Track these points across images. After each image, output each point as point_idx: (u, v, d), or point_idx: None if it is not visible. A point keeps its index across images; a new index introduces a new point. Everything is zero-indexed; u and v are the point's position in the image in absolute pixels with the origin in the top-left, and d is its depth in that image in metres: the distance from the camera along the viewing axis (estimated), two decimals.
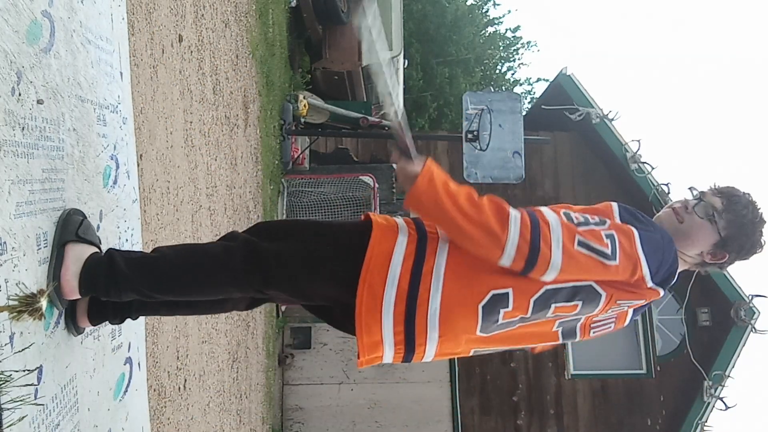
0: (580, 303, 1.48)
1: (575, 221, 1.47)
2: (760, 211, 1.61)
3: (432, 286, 1.45)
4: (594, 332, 1.60)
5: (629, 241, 1.45)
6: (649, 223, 1.57)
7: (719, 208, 1.59)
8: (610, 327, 1.62)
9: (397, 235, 1.51)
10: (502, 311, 1.46)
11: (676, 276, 1.56)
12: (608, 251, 1.42)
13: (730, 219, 1.58)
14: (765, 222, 1.61)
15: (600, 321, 1.59)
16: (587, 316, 1.54)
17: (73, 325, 1.63)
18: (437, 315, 1.45)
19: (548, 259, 1.39)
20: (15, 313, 1.30)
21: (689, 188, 1.66)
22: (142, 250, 2.19)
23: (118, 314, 1.71)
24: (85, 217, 1.64)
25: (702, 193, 1.63)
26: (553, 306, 1.47)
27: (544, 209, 1.51)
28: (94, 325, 1.69)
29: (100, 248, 1.64)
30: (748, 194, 1.63)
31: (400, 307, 1.45)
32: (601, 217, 1.51)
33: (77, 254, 1.54)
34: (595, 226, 1.46)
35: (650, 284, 1.48)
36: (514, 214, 1.41)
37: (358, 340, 1.48)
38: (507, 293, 1.45)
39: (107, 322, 1.73)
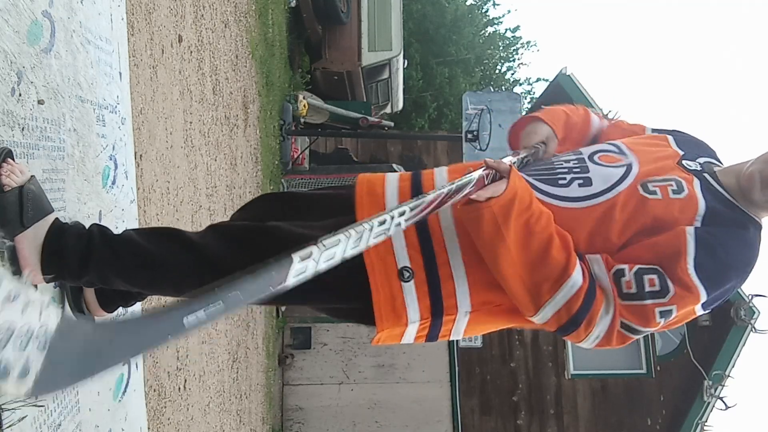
0: None
1: (625, 290, 1.21)
2: None
3: (455, 326, 1.35)
4: None
5: (686, 308, 1.23)
6: (739, 243, 1.27)
7: None
8: None
9: (405, 319, 1.31)
10: None
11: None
12: (654, 328, 1.23)
13: None
14: None
15: None
16: None
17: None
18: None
19: (581, 339, 1.24)
20: None
21: None
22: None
23: (125, 296, 1.60)
24: (23, 185, 1.31)
25: None
26: None
27: (597, 261, 1.24)
28: (110, 313, 1.61)
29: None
30: None
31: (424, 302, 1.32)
32: (662, 278, 1.21)
33: (31, 240, 1.33)
34: (652, 300, 1.20)
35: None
36: (575, 280, 1.19)
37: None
38: None
39: (121, 308, 1.63)
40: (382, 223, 1.04)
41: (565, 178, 1.34)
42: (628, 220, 1.27)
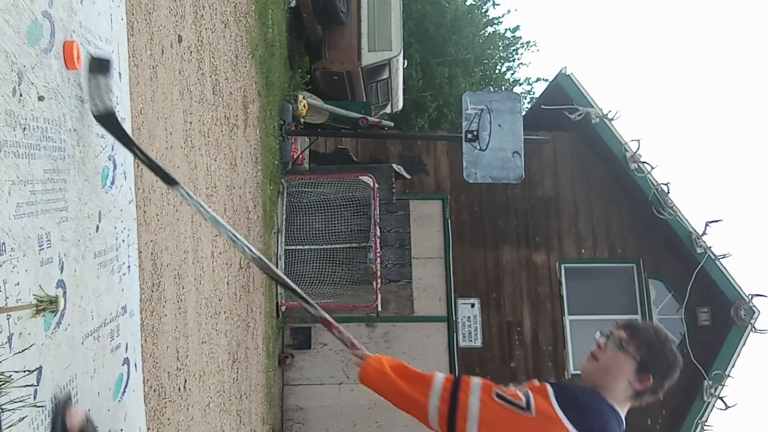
0: None
1: (494, 387, 1.75)
2: (662, 331, 1.85)
3: None
4: None
5: (543, 396, 1.69)
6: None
7: (626, 337, 1.81)
8: None
9: None
10: None
11: (624, 421, 1.82)
12: (523, 404, 1.66)
13: (638, 343, 1.79)
14: (670, 340, 1.84)
15: None
16: None
17: None
18: None
19: (466, 406, 1.68)
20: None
21: (598, 332, 1.89)
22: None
23: None
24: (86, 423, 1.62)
25: (609, 331, 1.87)
26: None
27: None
28: None
29: None
30: (650, 322, 1.95)
31: None
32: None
33: None
34: (513, 388, 1.75)
35: None
36: (439, 377, 1.78)
37: None
38: None
39: None
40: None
41: None
42: None
